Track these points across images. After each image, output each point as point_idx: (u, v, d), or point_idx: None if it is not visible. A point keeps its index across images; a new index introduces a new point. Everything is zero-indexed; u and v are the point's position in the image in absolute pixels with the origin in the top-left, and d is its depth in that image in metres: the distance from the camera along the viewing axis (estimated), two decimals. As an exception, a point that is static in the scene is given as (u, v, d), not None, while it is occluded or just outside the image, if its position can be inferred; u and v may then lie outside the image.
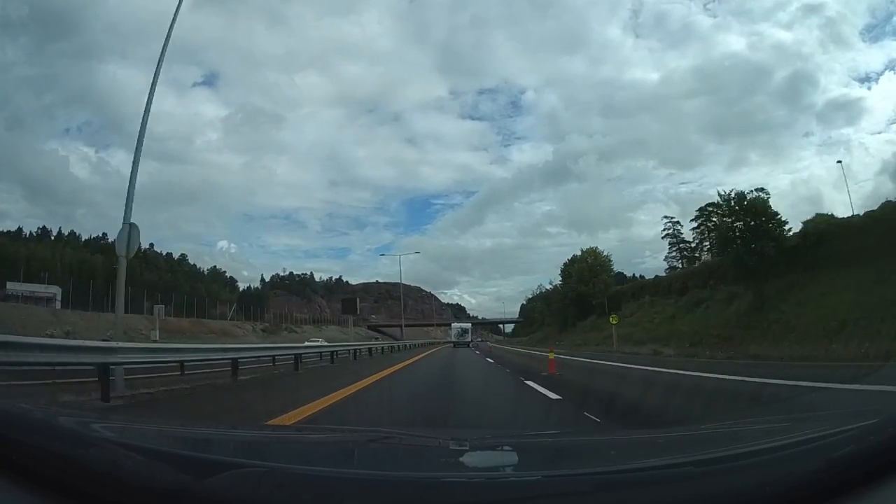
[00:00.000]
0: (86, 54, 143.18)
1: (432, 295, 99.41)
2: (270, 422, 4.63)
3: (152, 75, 9.88)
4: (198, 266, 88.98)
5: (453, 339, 57.19)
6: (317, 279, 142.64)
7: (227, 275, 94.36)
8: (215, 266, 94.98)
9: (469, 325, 69.83)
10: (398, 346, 34.89)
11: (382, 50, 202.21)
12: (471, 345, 51.85)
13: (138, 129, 9.52)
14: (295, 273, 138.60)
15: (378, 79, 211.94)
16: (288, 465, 1.22)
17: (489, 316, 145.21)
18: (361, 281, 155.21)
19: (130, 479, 0.91)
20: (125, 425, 1.69)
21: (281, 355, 14.28)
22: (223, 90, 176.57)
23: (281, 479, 0.96)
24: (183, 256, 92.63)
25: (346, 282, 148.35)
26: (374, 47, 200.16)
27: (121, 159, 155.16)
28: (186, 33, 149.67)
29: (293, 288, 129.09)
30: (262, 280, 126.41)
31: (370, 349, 25.11)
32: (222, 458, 1.22)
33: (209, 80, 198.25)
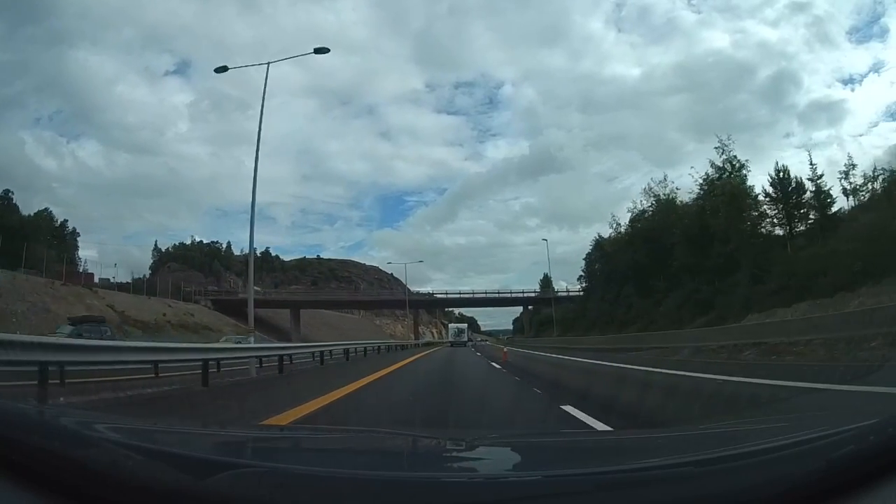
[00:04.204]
0: (57, 40, 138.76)
1: (395, 278, 68.95)
2: (270, 421, 4.64)
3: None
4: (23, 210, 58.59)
5: (451, 339, 58.64)
6: (236, 252, 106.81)
7: (60, 222, 61.90)
8: (47, 209, 63.50)
9: (465, 325, 70.95)
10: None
11: (358, 39, 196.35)
12: (468, 344, 52.13)
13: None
14: (205, 242, 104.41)
15: (353, 69, 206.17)
16: (288, 465, 1.22)
17: (469, 312, 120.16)
18: (296, 256, 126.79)
19: (130, 479, 0.91)
20: (125, 425, 1.69)
21: None
22: (195, 79, 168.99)
23: (281, 479, 0.96)
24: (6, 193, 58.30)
25: (277, 256, 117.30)
26: (349, 36, 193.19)
27: (91, 150, 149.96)
28: (160, 18, 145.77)
29: (196, 261, 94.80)
30: (156, 248, 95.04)
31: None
32: (222, 458, 1.23)
33: (181, 69, 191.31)
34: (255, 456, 1.48)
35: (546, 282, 69.75)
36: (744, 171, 30.08)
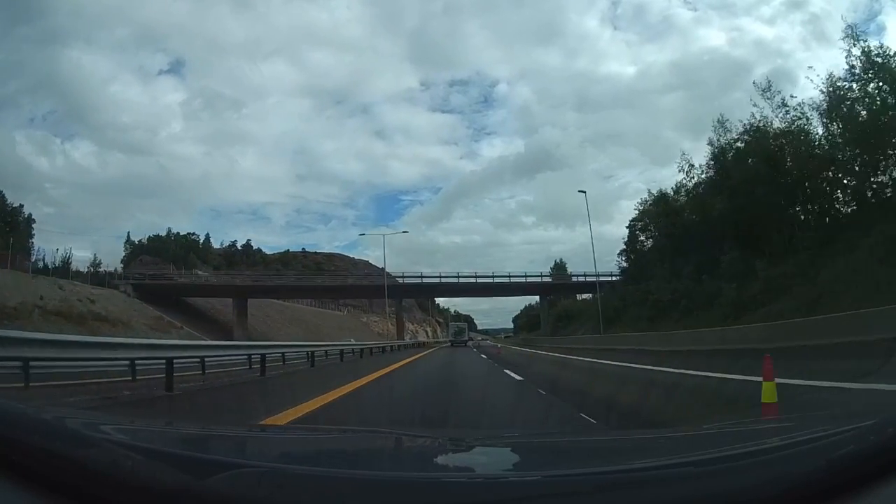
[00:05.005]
0: (51, 39, 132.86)
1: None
2: (270, 421, 4.64)
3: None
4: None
5: (451, 337, 58.40)
6: (216, 245, 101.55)
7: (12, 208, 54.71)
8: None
9: (465, 324, 70.43)
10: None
11: (352, 37, 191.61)
12: (469, 343, 51.86)
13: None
14: (181, 233, 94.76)
15: (347, 68, 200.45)
16: (288, 465, 1.22)
17: (462, 311, 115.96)
18: (279, 250, 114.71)
19: (130, 479, 0.91)
20: (125, 425, 1.69)
21: None
22: (189, 78, 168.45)
23: (281, 479, 0.96)
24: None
25: (259, 249, 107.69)
26: (343, 34, 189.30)
27: (85, 150, 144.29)
28: (154, 17, 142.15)
29: (170, 254, 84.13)
30: (128, 240, 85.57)
31: None
32: (222, 458, 1.23)
33: (175, 69, 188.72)
34: (255, 456, 1.48)
35: (559, 269, 58.11)
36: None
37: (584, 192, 37.35)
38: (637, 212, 40.93)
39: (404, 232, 70.26)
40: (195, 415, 6.94)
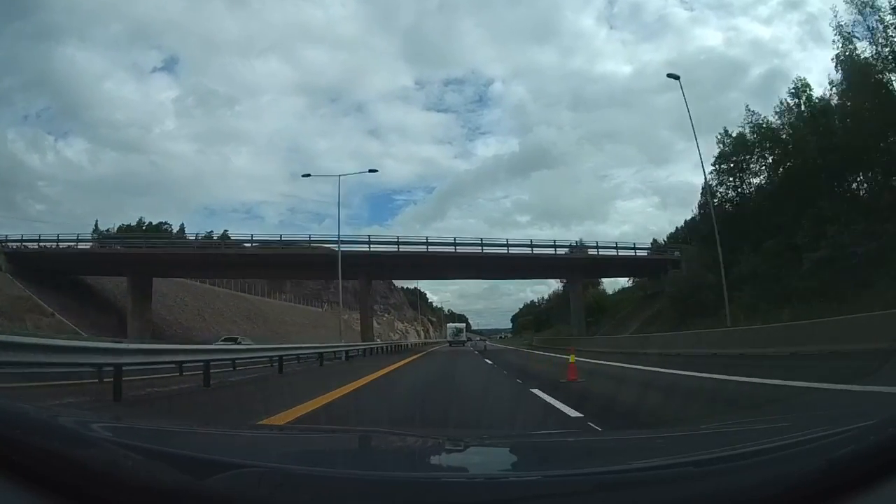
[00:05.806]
0: (45, 36, 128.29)
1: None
2: (269, 421, 4.64)
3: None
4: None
5: (449, 338, 59.21)
6: (191, 237, 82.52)
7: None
8: None
9: (463, 325, 71.52)
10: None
11: (346, 35, 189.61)
12: (467, 344, 51.96)
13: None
14: (153, 223, 78.98)
15: (341, 66, 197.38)
16: (288, 465, 1.22)
17: (458, 310, 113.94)
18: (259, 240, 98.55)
19: (130, 479, 0.91)
20: (125, 425, 1.69)
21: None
22: (182, 76, 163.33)
23: (281, 479, 0.96)
24: None
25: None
26: (337, 31, 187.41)
27: (79, 148, 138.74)
28: (148, 13, 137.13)
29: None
30: (96, 229, 64.43)
31: None
32: (222, 458, 1.22)
33: (168, 66, 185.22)
34: (255, 456, 1.48)
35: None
36: None
37: (678, 77, 24.16)
38: (720, 148, 27.65)
39: (372, 171, 40.03)
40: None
